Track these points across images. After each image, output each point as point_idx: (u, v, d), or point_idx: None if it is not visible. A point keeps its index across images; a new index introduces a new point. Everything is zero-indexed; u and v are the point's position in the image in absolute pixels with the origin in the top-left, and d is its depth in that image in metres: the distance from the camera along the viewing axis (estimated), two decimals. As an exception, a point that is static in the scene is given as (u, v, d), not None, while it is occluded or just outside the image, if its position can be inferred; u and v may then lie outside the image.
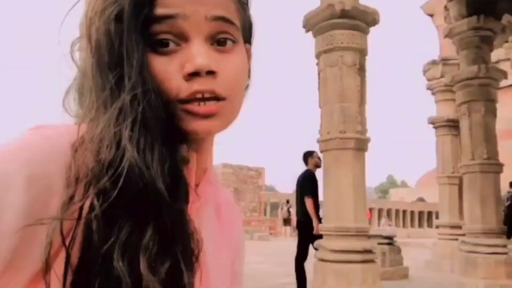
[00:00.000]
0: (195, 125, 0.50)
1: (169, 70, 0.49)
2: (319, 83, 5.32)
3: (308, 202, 5.61)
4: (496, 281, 6.11)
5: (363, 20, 5.13)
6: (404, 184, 67.18)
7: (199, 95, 0.50)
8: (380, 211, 31.38)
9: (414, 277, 8.09)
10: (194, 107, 0.50)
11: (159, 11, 0.49)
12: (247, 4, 0.58)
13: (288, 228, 23.43)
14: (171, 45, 0.50)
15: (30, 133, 0.46)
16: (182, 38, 0.50)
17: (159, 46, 0.50)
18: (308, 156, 6.01)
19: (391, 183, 70.35)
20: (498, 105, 6.92)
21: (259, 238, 19.77)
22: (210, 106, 0.50)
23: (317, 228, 5.45)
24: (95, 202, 0.43)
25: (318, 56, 5.30)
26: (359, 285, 4.62)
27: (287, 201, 24.61)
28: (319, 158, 5.96)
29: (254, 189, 26.81)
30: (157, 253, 0.44)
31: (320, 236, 5.34)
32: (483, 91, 6.66)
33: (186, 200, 0.49)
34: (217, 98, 0.51)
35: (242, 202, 25.86)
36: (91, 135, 0.46)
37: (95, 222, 0.42)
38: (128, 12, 0.48)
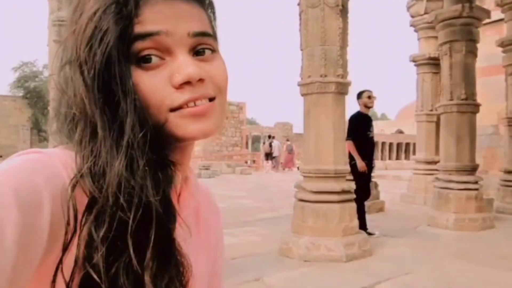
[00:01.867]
0: (192, 129, 0.53)
1: (157, 83, 0.51)
2: (300, 25, 5.21)
3: (349, 145, 5.76)
4: (466, 215, 6.47)
5: (346, -42, 4.94)
6: (384, 117, 68.10)
7: (192, 103, 0.53)
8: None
9: (389, 211, 8.49)
10: (189, 109, 0.52)
11: (142, 28, 0.51)
12: (214, 15, 0.61)
13: (270, 162, 23.85)
14: (155, 60, 0.52)
15: (23, 159, 0.48)
16: (166, 52, 0.52)
17: (143, 62, 0.51)
18: (358, 97, 6.09)
19: (372, 115, 71.14)
20: (479, 42, 6.93)
21: (241, 172, 20.15)
22: (203, 105, 0.53)
23: (361, 166, 5.74)
24: (93, 226, 0.46)
25: (300, -4, 5.14)
26: (336, 223, 4.85)
27: (269, 136, 24.85)
28: (368, 97, 6.05)
29: (235, 124, 26.92)
30: (157, 272, 0.48)
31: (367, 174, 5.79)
32: (465, 31, 6.62)
33: (174, 224, 0.52)
34: (208, 99, 0.54)
35: (224, 137, 26.05)
36: (88, 163, 0.48)
37: (95, 245, 0.45)
38: (115, 41, 0.49)
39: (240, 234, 6.13)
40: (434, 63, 9.12)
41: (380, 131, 38.03)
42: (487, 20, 7.56)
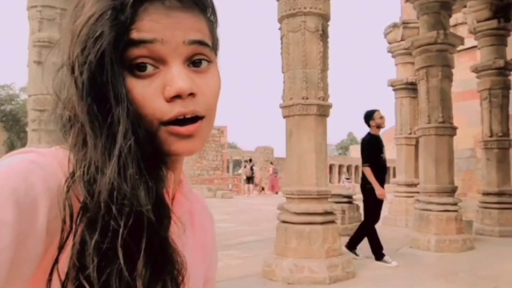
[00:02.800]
0: (178, 146, 0.53)
1: (149, 93, 0.51)
2: (282, 48, 5.30)
3: (366, 171, 5.67)
4: (447, 236, 6.53)
5: (326, -16, 5.09)
6: (364, 141, 68.87)
7: (181, 117, 0.52)
8: (340, 167, 32.31)
9: (371, 233, 8.50)
10: (177, 128, 0.52)
11: (137, 35, 0.50)
12: (216, 23, 0.60)
13: (251, 185, 23.81)
14: (149, 69, 0.51)
15: (19, 157, 0.48)
16: (160, 61, 0.52)
17: (137, 70, 0.51)
18: (369, 117, 5.89)
19: (351, 140, 71.98)
20: (454, 68, 7.16)
21: (222, 196, 19.97)
22: (192, 126, 0.53)
23: (380, 194, 5.58)
24: (86, 233, 0.45)
25: (280, 20, 5.25)
26: (320, 244, 4.84)
27: (250, 160, 24.87)
28: (381, 117, 5.87)
29: (216, 148, 26.91)
30: (150, 278, 0.47)
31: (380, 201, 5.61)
32: (440, 57, 6.84)
33: (168, 224, 0.52)
34: (197, 117, 0.53)
35: (204, 160, 25.96)
36: (81, 169, 0.47)
37: (87, 253, 0.44)
38: (109, 47, 0.49)
39: (222, 258, 6.04)
40: (411, 87, 9.36)
41: (359, 155, 38.46)
42: (462, 47, 7.84)
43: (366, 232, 5.81)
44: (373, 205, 5.66)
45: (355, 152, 41.29)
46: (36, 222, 0.44)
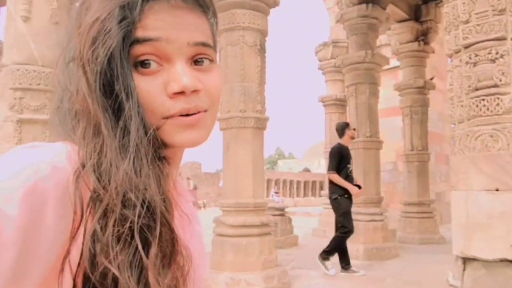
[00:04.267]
0: (183, 136, 0.54)
1: (153, 89, 0.52)
2: (220, 61, 5.34)
3: (333, 177, 5.61)
4: (374, 245, 6.86)
5: (264, 1, 5.23)
6: (291, 156, 70.72)
7: (185, 113, 0.53)
8: (269, 181, 32.79)
9: (302, 244, 8.71)
10: (181, 117, 0.53)
11: (143, 33, 0.51)
12: (216, 25, 0.62)
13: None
14: (153, 65, 0.52)
15: (27, 151, 0.47)
16: (164, 59, 0.53)
17: (141, 66, 0.52)
18: (345, 128, 5.93)
19: (279, 154, 73.52)
20: (379, 86, 7.62)
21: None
22: (196, 115, 0.54)
23: (356, 193, 5.62)
24: (102, 224, 0.45)
25: (219, 34, 5.30)
26: (256, 256, 4.87)
27: (188, 178, 24.50)
28: (354, 129, 5.95)
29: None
30: (160, 268, 0.48)
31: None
32: (368, 75, 7.26)
33: (172, 217, 0.53)
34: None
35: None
36: (92, 160, 0.48)
37: (104, 243, 0.45)
38: (118, 44, 0.50)
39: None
40: (340, 103, 9.81)
41: (288, 169, 39.35)
42: (386, 67, 8.37)
43: (342, 242, 5.73)
44: (340, 215, 5.65)
45: (284, 166, 42.22)
46: (45, 218, 0.44)
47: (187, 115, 0.53)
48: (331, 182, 5.77)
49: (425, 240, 8.32)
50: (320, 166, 9.76)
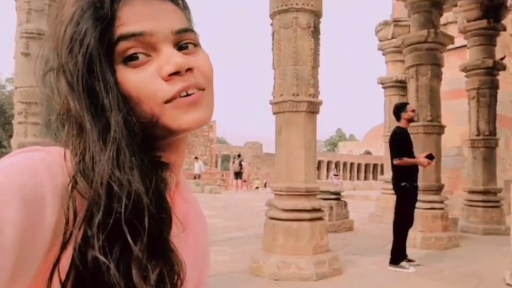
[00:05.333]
0: (186, 119, 0.54)
1: (145, 78, 0.53)
2: (273, 44, 5.29)
3: (401, 162, 5.23)
4: (432, 233, 6.60)
5: (318, -19, 5.08)
6: (352, 138, 69.42)
7: (184, 93, 0.54)
8: (329, 163, 32.47)
9: (358, 229, 8.58)
10: (182, 99, 0.53)
11: (125, 29, 0.52)
12: (190, 14, 0.63)
13: (239, 181, 23.82)
14: (141, 57, 0.53)
15: (25, 155, 0.48)
16: (151, 49, 0.54)
17: (129, 60, 0.53)
18: (400, 109, 5.52)
19: (340, 136, 72.42)
20: (443, 67, 7.21)
21: (210, 191, 19.94)
22: (196, 94, 0.55)
23: (424, 161, 5.27)
24: (89, 222, 0.46)
25: (272, 16, 5.23)
26: (307, 241, 4.86)
27: (239, 155, 24.88)
28: (413, 110, 5.52)
29: (205, 142, 26.85)
30: (147, 262, 0.48)
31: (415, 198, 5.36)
32: (430, 56, 6.88)
33: (170, 225, 0.52)
34: (198, 89, 0.56)
35: (193, 155, 25.90)
36: (77, 158, 0.49)
37: (90, 241, 0.45)
38: (95, 43, 0.51)
39: (209, 253, 6.03)
40: (401, 85, 9.41)
41: (348, 151, 38.68)
42: (451, 46, 7.90)
43: (400, 234, 5.38)
44: (405, 206, 5.32)
45: (344, 149, 41.56)
46: (44, 220, 0.44)
47: (187, 95, 0.54)
48: (397, 169, 5.33)
49: (490, 231, 7.89)
50: (382, 149, 9.43)
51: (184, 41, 0.57)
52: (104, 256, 0.45)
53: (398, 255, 5.30)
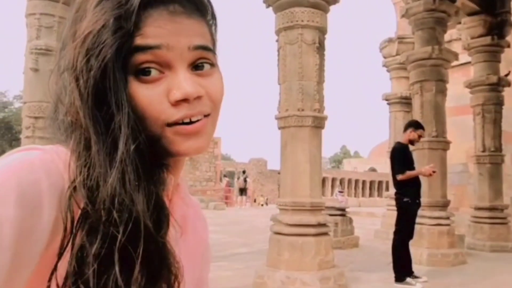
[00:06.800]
0: (185, 146, 0.54)
1: (154, 96, 0.52)
2: (278, 60, 5.34)
3: (404, 177, 5.20)
4: (439, 250, 6.54)
5: (323, -2, 5.16)
6: (357, 155, 69.21)
7: (187, 119, 0.53)
8: (333, 180, 32.33)
9: (364, 246, 8.50)
10: (184, 126, 0.53)
11: (143, 41, 0.51)
12: (216, 27, 0.61)
13: (244, 197, 23.75)
14: (154, 73, 0.52)
15: (23, 154, 0.48)
16: (166, 66, 0.53)
17: (142, 75, 0.51)
18: (411, 126, 5.53)
19: (345, 153, 72.21)
20: (448, 83, 7.23)
21: (214, 208, 19.85)
22: (198, 123, 0.54)
23: (426, 170, 5.23)
24: (86, 241, 0.45)
25: (278, 33, 5.30)
26: (312, 256, 4.82)
27: (243, 171, 24.86)
28: (420, 136, 5.51)
29: (209, 159, 26.82)
30: (145, 285, 0.47)
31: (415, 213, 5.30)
32: (435, 72, 6.91)
33: (167, 229, 0.52)
34: (203, 115, 0.55)
35: (197, 171, 25.89)
36: (82, 175, 0.47)
37: (88, 260, 0.44)
38: (113, 55, 0.49)
39: (213, 269, 5.88)
40: (405, 101, 9.44)
41: (353, 168, 38.54)
42: (456, 62, 7.93)
43: (400, 249, 5.31)
44: (405, 220, 5.30)
45: (349, 166, 41.41)
46: (40, 219, 0.44)
47: (190, 122, 0.53)
48: (399, 184, 5.32)
49: (497, 248, 7.80)
50: (387, 165, 9.40)
51: (200, 60, 0.55)
52: (99, 280, 0.45)
53: (400, 271, 5.24)
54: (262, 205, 26.36)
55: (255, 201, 26.76)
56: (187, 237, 0.66)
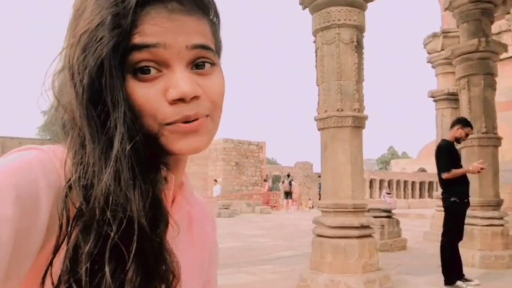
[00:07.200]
0: (182, 144, 0.53)
1: (152, 95, 0.51)
2: (316, 61, 5.29)
3: (450, 176, 5.00)
4: (492, 252, 6.22)
5: (360, -4, 5.07)
6: (405, 155, 67.29)
7: (185, 120, 0.52)
8: (381, 182, 31.57)
9: (412, 248, 8.24)
10: (181, 124, 0.52)
11: (140, 40, 0.50)
12: (219, 25, 0.60)
13: (289, 201, 23.66)
14: (152, 72, 0.51)
15: (22, 153, 0.48)
16: (164, 65, 0.52)
17: (140, 73, 0.51)
18: (460, 123, 5.33)
19: (392, 154, 70.37)
20: (498, 77, 6.89)
21: (260, 211, 19.95)
22: (196, 122, 0.53)
23: (475, 166, 5.06)
24: (80, 239, 0.45)
25: (315, 33, 5.26)
26: (356, 259, 4.73)
27: (288, 175, 24.76)
28: (467, 134, 5.30)
29: (255, 163, 26.96)
30: (140, 285, 0.47)
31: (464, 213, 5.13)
32: (482, 65, 6.61)
33: (165, 228, 0.51)
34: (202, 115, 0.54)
35: (244, 176, 26.06)
36: (77, 173, 0.47)
37: (81, 259, 0.45)
38: (109, 53, 0.49)
39: (258, 272, 6.02)
40: (453, 98, 9.08)
41: (401, 169, 37.49)
42: (506, 55, 7.55)
43: (449, 251, 5.08)
44: (453, 222, 5.07)
45: (397, 167, 40.33)
46: (38, 218, 0.45)
47: (188, 121, 0.52)
48: (446, 183, 5.11)
49: (557, 249, 7.31)
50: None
51: (200, 59, 0.54)
52: (92, 279, 0.45)
53: (450, 274, 5.02)
54: (310, 207, 26.12)
55: (301, 204, 26.56)
56: (193, 237, 0.66)
